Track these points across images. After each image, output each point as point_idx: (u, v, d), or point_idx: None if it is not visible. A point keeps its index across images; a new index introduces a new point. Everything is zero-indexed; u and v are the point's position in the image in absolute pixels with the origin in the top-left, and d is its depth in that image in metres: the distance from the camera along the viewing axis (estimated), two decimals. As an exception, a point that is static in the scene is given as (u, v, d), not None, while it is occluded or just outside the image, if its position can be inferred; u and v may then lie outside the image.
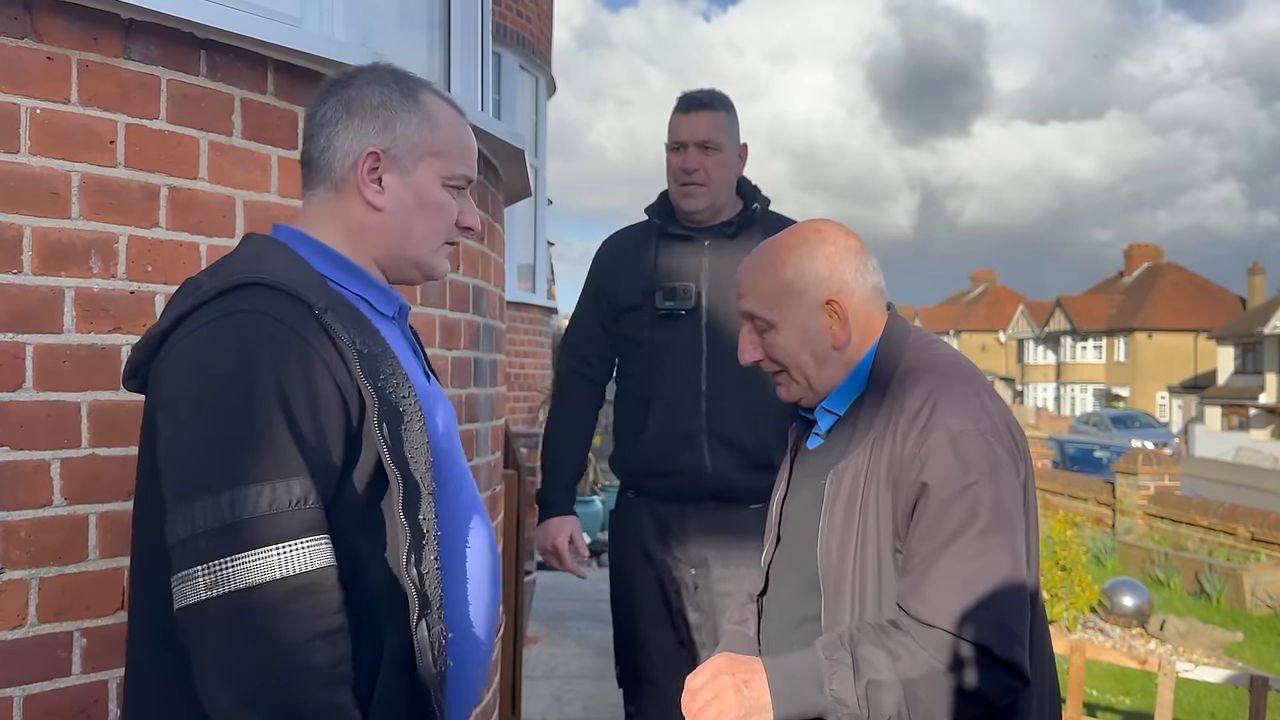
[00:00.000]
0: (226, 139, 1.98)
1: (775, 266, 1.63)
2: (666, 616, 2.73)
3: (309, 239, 1.38)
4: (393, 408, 1.25)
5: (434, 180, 1.40)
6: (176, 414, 1.20)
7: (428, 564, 1.27)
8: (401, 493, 1.23)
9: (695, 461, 2.62)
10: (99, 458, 1.80)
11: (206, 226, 1.96)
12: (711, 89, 2.75)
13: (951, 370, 1.58)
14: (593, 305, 2.87)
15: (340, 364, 1.22)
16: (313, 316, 1.22)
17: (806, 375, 1.63)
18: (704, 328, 2.65)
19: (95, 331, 1.79)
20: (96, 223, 1.79)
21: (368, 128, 1.37)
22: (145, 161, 1.85)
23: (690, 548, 2.67)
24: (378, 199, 1.38)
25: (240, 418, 1.16)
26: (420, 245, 1.42)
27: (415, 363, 1.44)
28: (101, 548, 1.79)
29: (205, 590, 1.11)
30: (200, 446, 1.16)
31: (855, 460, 1.55)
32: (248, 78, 2.02)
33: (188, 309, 1.24)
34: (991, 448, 1.48)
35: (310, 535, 1.15)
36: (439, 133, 1.40)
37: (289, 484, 1.14)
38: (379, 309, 1.41)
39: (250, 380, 1.17)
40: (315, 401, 1.19)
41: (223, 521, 1.12)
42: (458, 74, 2.81)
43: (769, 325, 1.63)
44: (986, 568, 1.43)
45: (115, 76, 1.81)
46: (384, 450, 1.23)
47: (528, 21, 8.46)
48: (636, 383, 2.76)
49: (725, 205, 2.74)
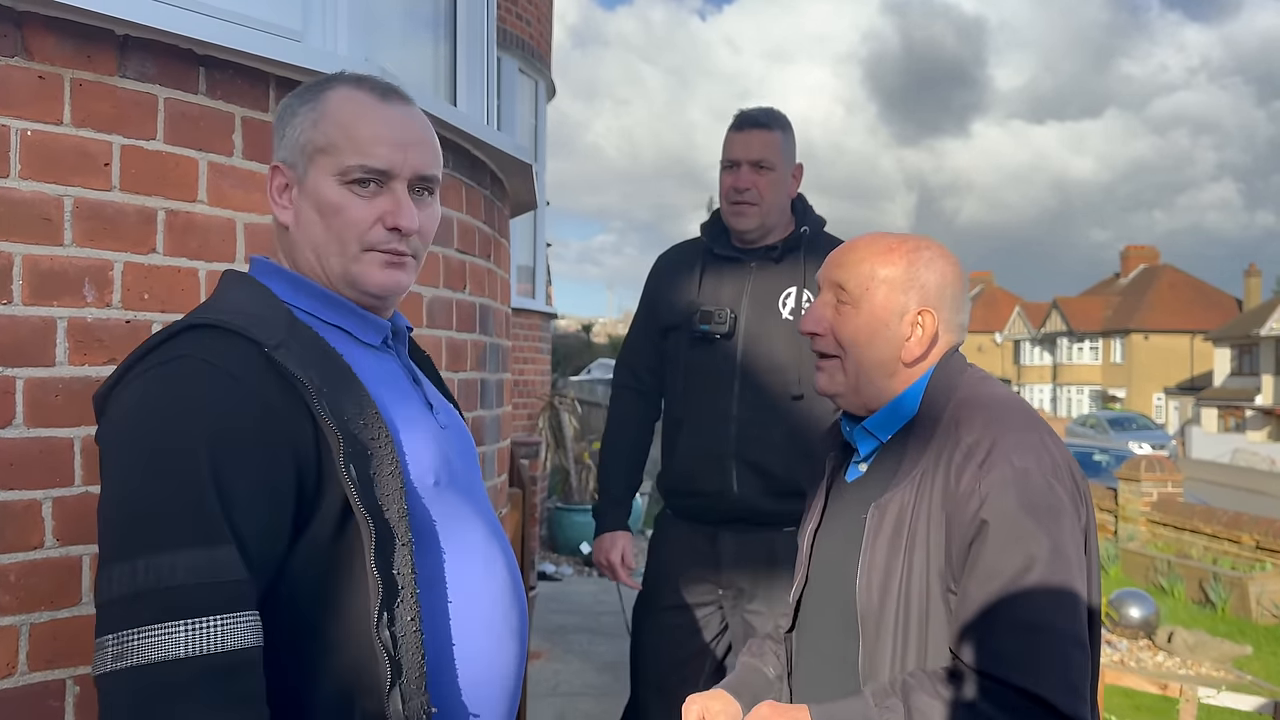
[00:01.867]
0: (227, 159, 1.90)
1: (892, 253, 1.56)
2: (690, 636, 2.69)
3: (278, 269, 1.30)
4: (360, 448, 1.14)
5: (325, 180, 1.25)
6: (104, 472, 1.13)
7: (403, 624, 1.13)
8: (374, 541, 1.11)
9: (722, 485, 2.61)
10: (92, 496, 1.71)
11: (206, 251, 1.87)
12: (769, 107, 2.71)
13: (1011, 408, 1.51)
14: (644, 319, 2.88)
15: (293, 405, 1.12)
16: (260, 355, 1.12)
17: (858, 371, 1.56)
18: (739, 352, 2.63)
19: (89, 364, 1.71)
20: (90, 249, 1.71)
21: (277, 142, 1.30)
22: (141, 184, 1.77)
23: (722, 571, 2.65)
24: (284, 214, 1.29)
25: (161, 477, 1.06)
26: (332, 258, 1.27)
27: (411, 394, 1.33)
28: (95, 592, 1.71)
29: (112, 661, 1.03)
30: (119, 507, 1.08)
31: (901, 494, 1.48)
32: (248, 95, 1.94)
33: (137, 355, 1.16)
34: (1053, 489, 1.41)
35: (230, 611, 1.04)
36: (323, 125, 1.25)
37: (208, 553, 1.04)
38: (360, 337, 1.30)
39: (176, 436, 1.07)
40: (254, 455, 1.09)
41: (134, 589, 1.03)
42: (463, 87, 2.73)
43: (852, 302, 1.55)
44: (1048, 616, 1.36)
45: (110, 96, 1.73)
46: (352, 493, 1.11)
47: (527, 25, 8.38)
48: (673, 403, 2.77)
49: (777, 226, 2.70)
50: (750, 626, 2.61)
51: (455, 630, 1.24)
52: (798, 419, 2.59)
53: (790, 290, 2.63)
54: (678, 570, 2.71)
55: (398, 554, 1.14)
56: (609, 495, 2.86)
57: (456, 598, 1.25)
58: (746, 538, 2.62)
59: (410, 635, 1.13)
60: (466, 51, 2.72)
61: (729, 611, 2.68)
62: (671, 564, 2.73)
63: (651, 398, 2.89)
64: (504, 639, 1.31)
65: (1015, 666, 1.34)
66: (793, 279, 2.64)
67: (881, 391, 1.57)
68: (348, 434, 1.13)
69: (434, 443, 1.29)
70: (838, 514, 1.64)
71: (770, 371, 2.60)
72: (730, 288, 2.67)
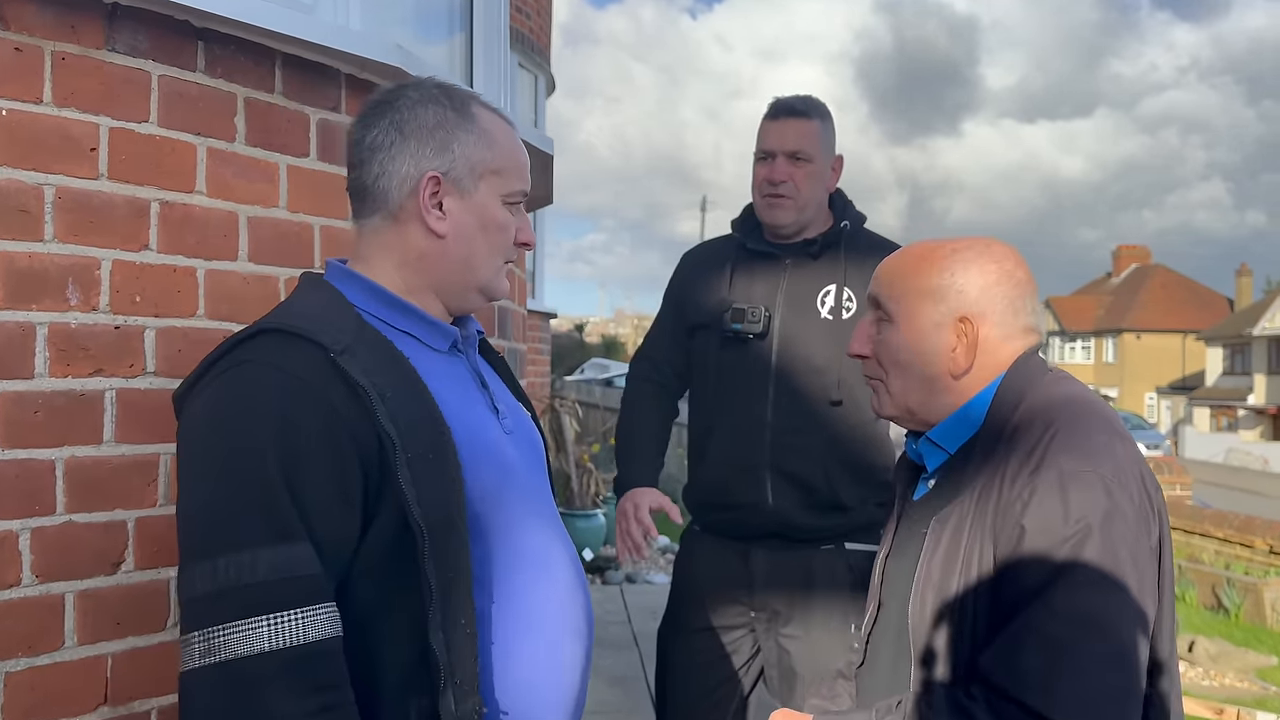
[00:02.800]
0: (228, 145, 1.74)
1: (923, 262, 1.47)
2: (721, 661, 2.53)
3: (353, 274, 1.33)
4: (421, 451, 1.19)
5: (495, 200, 1.35)
6: (181, 473, 1.19)
7: (455, 627, 1.17)
8: (428, 544, 1.16)
9: (756, 497, 2.43)
10: (76, 525, 1.53)
11: (205, 248, 1.69)
12: (807, 95, 2.54)
13: (1081, 408, 1.39)
14: (669, 316, 2.69)
15: (357, 409, 1.17)
16: (326, 360, 1.17)
17: (905, 392, 1.48)
18: (774, 354, 2.45)
19: (73, 375, 1.53)
20: (75, 245, 1.54)
21: (424, 150, 1.31)
22: (133, 172, 1.60)
23: (755, 591, 2.48)
24: (440, 225, 1.32)
25: (235, 478, 1.13)
26: (483, 269, 1.36)
27: (477, 398, 1.37)
28: (81, 632, 1.52)
29: (199, 658, 1.09)
30: (198, 508, 1.15)
31: (960, 507, 1.39)
32: (252, 74, 1.77)
33: (212, 359, 1.22)
34: (1111, 495, 1.28)
35: (308, 604, 1.10)
36: (497, 149, 1.35)
37: (287, 549, 1.11)
38: (428, 344, 1.34)
39: (247, 438, 1.14)
40: (322, 455, 1.14)
41: (217, 587, 1.09)
42: (480, 70, 2.54)
43: (890, 319, 1.48)
44: (1077, 633, 1.24)
45: (97, 71, 1.56)
46: (408, 498, 1.16)
47: (527, 18, 8.19)
48: (701, 408, 2.59)
49: (813, 221, 2.52)
50: (785, 651, 2.46)
51: (511, 633, 1.27)
52: (837, 426, 2.41)
53: (829, 288, 2.45)
54: (707, 590, 2.54)
55: (453, 557, 1.18)
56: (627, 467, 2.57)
57: (514, 601, 1.28)
58: (782, 555, 2.45)
59: (464, 638, 1.18)
60: (485, 33, 2.53)
61: (762, 635, 2.52)
62: (700, 583, 2.56)
63: (672, 394, 2.69)
64: (564, 643, 1.33)
65: (1030, 685, 1.23)
66: (832, 276, 2.46)
67: (939, 408, 1.47)
68: (408, 438, 1.18)
69: (496, 447, 1.33)
70: (907, 537, 1.54)
71: (808, 374, 2.42)
72: (764, 285, 2.49)
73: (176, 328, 1.65)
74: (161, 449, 1.62)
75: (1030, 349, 1.49)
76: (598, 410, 12.41)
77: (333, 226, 1.92)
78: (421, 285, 1.33)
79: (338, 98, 1.92)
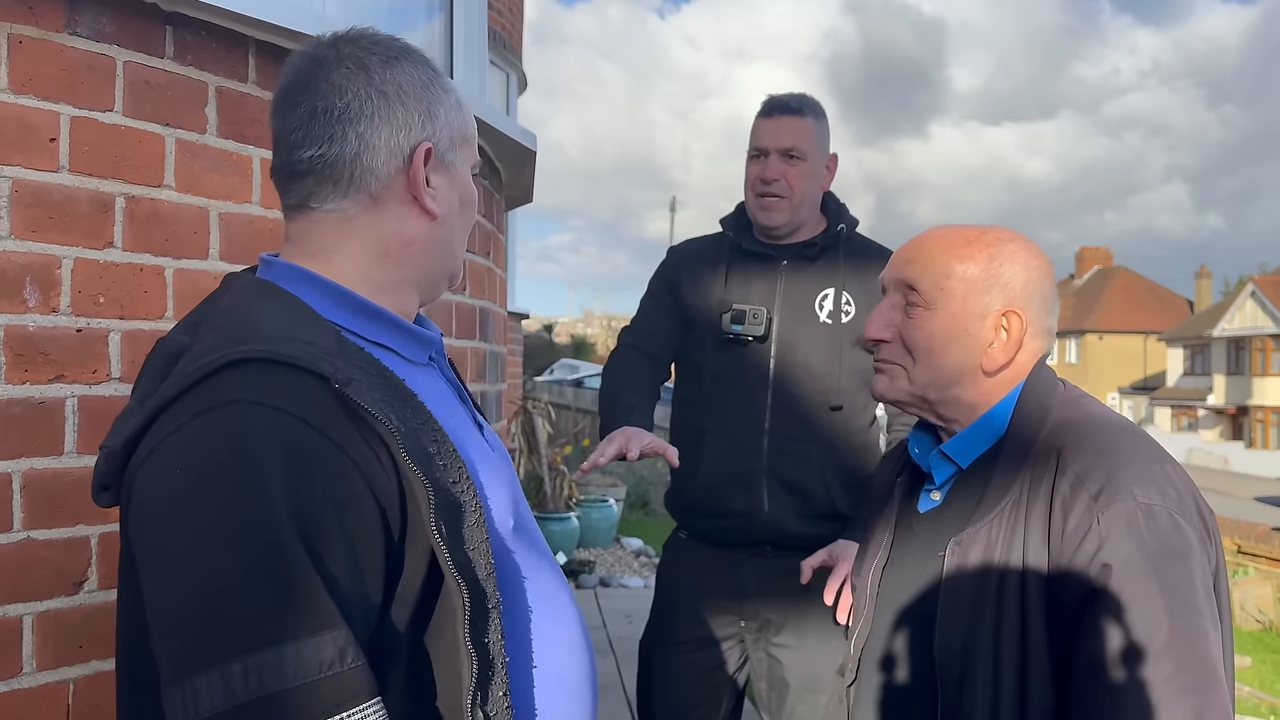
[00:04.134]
0: (199, 137, 1.64)
1: (970, 245, 1.39)
2: (707, 674, 2.46)
3: (309, 274, 1.07)
4: (449, 498, 0.96)
5: (467, 171, 1.18)
6: (158, 551, 0.89)
7: (495, 701, 0.97)
8: (467, 610, 0.94)
9: (752, 505, 2.36)
10: (35, 543, 1.43)
11: (174, 246, 1.59)
12: (801, 93, 2.48)
13: (1126, 433, 1.32)
14: (658, 305, 2.54)
15: (372, 454, 0.93)
16: (330, 394, 0.92)
17: (928, 381, 1.40)
18: (773, 358, 2.38)
19: (31, 381, 1.44)
20: (33, 243, 1.44)
21: (413, 118, 1.09)
22: (96, 164, 1.51)
23: (746, 600, 2.42)
24: (433, 205, 1.11)
25: (243, 554, 0.85)
26: (459, 252, 1.20)
27: (464, 417, 1.16)
28: (41, 657, 1.42)
29: None
30: (194, 599, 0.85)
31: (987, 530, 1.31)
32: (224, 62, 1.68)
33: (166, 399, 0.93)
34: (1181, 529, 1.24)
35: (355, 705, 0.85)
36: (466, 114, 1.17)
37: (319, 640, 0.84)
38: (406, 356, 1.12)
39: (251, 499, 0.87)
40: (344, 516, 0.89)
41: (234, 703, 0.82)
42: (461, 59, 2.45)
43: (926, 304, 1.39)
44: (1202, 694, 1.18)
45: (57, 56, 1.46)
46: (443, 555, 0.93)
47: (499, 15, 8.09)
48: (693, 411, 2.48)
49: (807, 222, 2.47)
50: (776, 661, 2.40)
51: (539, 695, 1.10)
52: (836, 433, 2.36)
53: (828, 291, 2.40)
54: (695, 600, 2.47)
55: (490, 621, 0.98)
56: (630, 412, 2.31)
57: (539, 659, 1.11)
58: (775, 563, 2.39)
59: (502, 713, 0.98)
60: (465, 20, 2.44)
61: (751, 645, 2.46)
62: (688, 592, 2.48)
63: (658, 362, 2.53)
64: (583, 693, 1.17)
65: None
66: (830, 279, 2.40)
67: (956, 401, 1.40)
68: (435, 483, 0.95)
69: (504, 476, 1.15)
70: (909, 549, 1.47)
71: (807, 380, 2.36)
72: (761, 287, 2.42)
73: (143, 331, 1.56)
74: (127, 460, 1.53)
75: (1043, 355, 1.43)
76: (569, 411, 12.31)
77: (309, 224, 1.82)
78: (400, 280, 1.12)
79: (314, 88, 1.83)
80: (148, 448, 0.93)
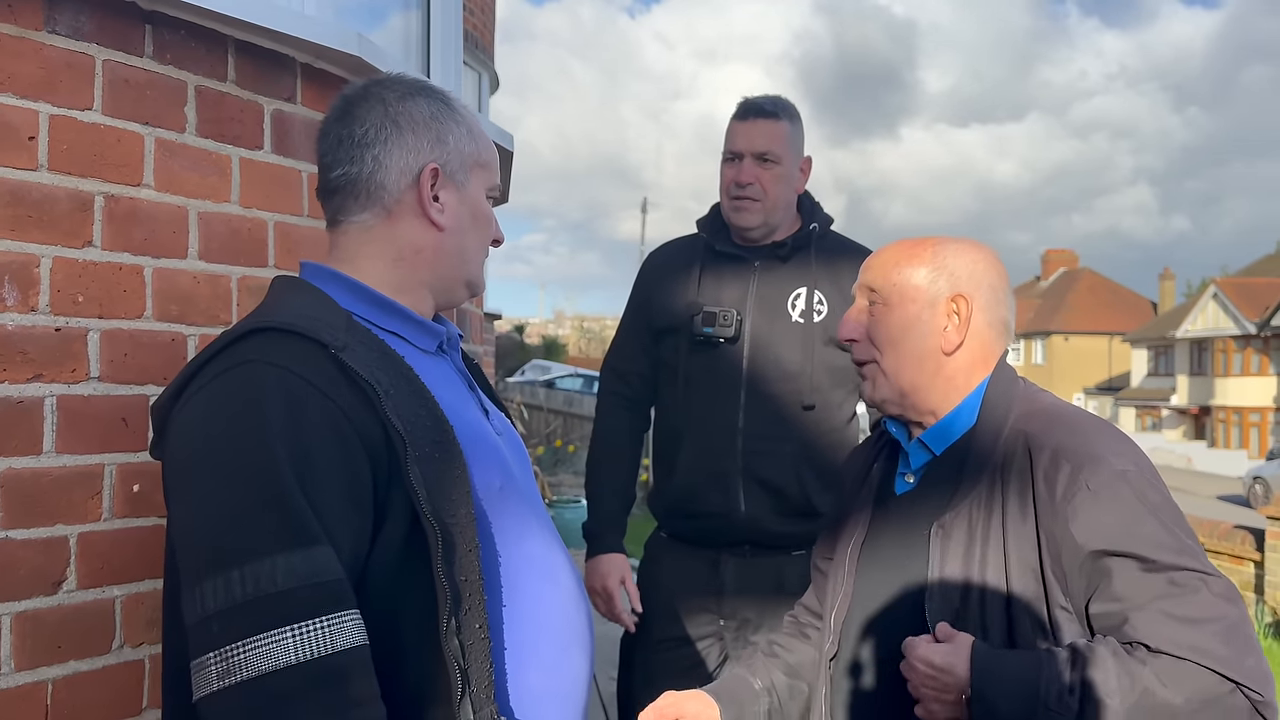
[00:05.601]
0: (178, 136, 1.64)
1: (915, 249, 1.56)
2: (686, 673, 2.46)
3: (336, 274, 1.28)
4: (427, 451, 1.14)
5: (482, 193, 1.36)
6: (181, 483, 1.12)
7: (470, 633, 1.13)
8: (441, 547, 1.11)
9: (728, 504, 2.39)
10: (14, 543, 1.43)
11: (153, 245, 1.59)
12: (775, 95, 2.49)
13: (1084, 416, 1.49)
14: (635, 323, 2.62)
15: (363, 407, 1.12)
16: (328, 357, 1.13)
17: (898, 370, 1.53)
18: (745, 359, 2.41)
19: (9, 380, 1.43)
20: (11, 241, 1.43)
21: (422, 143, 1.29)
22: (75, 163, 1.50)
23: (725, 599, 2.44)
24: (440, 217, 1.30)
25: (246, 483, 1.06)
26: (473, 262, 1.37)
27: (469, 399, 1.35)
28: (19, 657, 1.42)
29: (218, 680, 1.01)
30: (205, 519, 1.07)
31: (967, 511, 1.44)
32: (204, 60, 1.67)
33: (198, 364, 1.15)
34: (1160, 488, 1.39)
35: (332, 611, 1.04)
36: (482, 143, 1.36)
37: (305, 554, 1.04)
38: (416, 344, 1.31)
39: (255, 439, 1.07)
40: (333, 456, 1.09)
41: (232, 602, 1.02)
42: (438, 58, 2.45)
43: (884, 301, 1.54)
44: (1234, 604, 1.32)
45: (36, 55, 1.46)
46: (419, 499, 1.11)
47: (470, 14, 8.07)
48: (670, 414, 2.53)
49: (782, 223, 2.49)
50: None
51: (521, 639, 1.24)
52: (810, 431, 2.38)
53: (800, 291, 2.42)
54: (674, 600, 2.49)
55: (465, 560, 1.14)
56: (602, 513, 2.57)
57: (522, 606, 1.25)
58: (753, 562, 2.42)
59: (479, 643, 1.14)
60: (442, 19, 2.44)
61: (730, 643, 2.48)
62: (667, 592, 2.50)
63: (642, 406, 2.65)
64: (570, 650, 1.31)
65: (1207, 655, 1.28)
66: (802, 279, 2.42)
67: (933, 393, 1.52)
68: (415, 437, 1.13)
69: (494, 447, 1.31)
70: (887, 530, 1.57)
71: (780, 380, 2.38)
72: (733, 288, 2.45)
73: (122, 330, 1.55)
74: (107, 459, 1.52)
75: (1003, 353, 1.56)
76: (541, 412, 12.31)
77: (287, 223, 1.82)
78: (415, 282, 1.31)
79: (293, 87, 1.83)
80: (182, 403, 1.14)
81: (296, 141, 1.83)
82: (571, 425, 13.24)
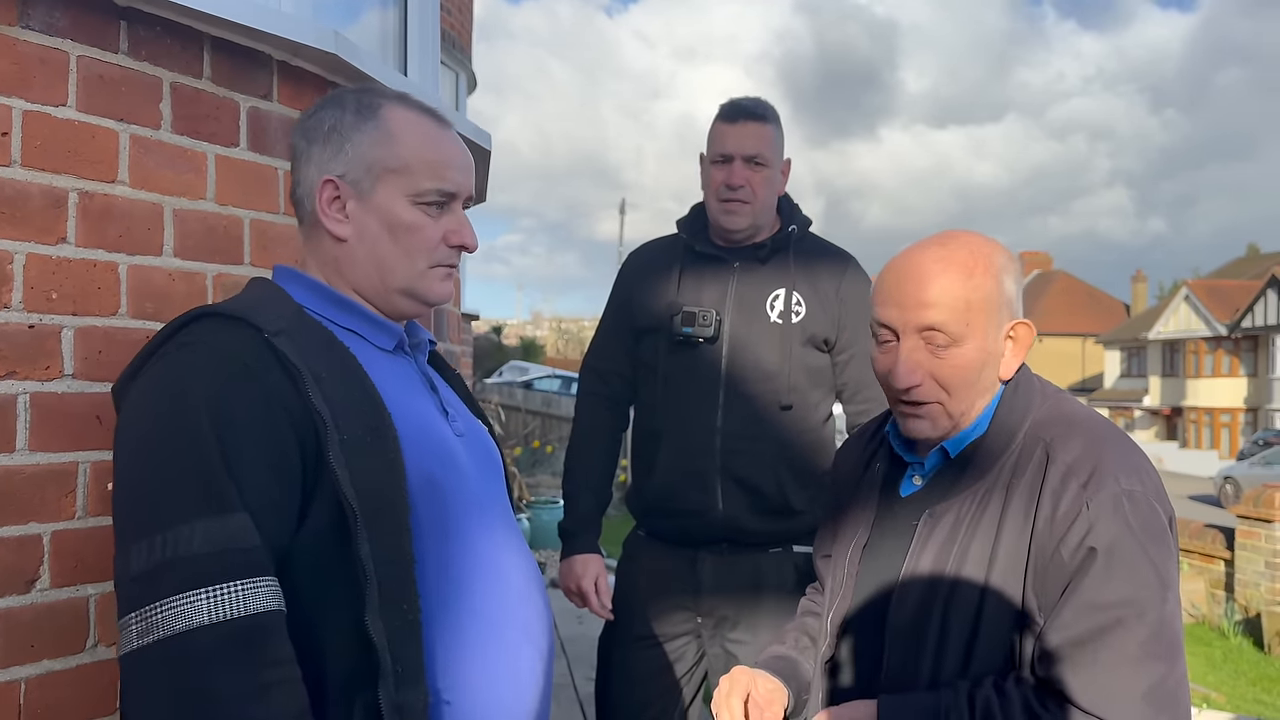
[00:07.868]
0: (153, 133, 1.62)
1: (975, 274, 1.42)
2: (664, 671, 2.49)
3: (296, 274, 1.36)
4: (356, 436, 1.18)
5: (398, 200, 1.32)
6: (117, 461, 1.18)
7: (395, 612, 1.16)
8: (360, 525, 1.15)
9: (706, 503, 2.40)
10: (-12, 541, 1.40)
11: (127, 242, 1.57)
12: (758, 98, 2.50)
13: (1106, 427, 1.44)
14: (614, 322, 2.64)
15: (291, 388, 1.17)
16: (261, 341, 1.18)
17: (961, 411, 1.45)
18: (724, 359, 2.42)
19: None
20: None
21: (324, 155, 1.32)
22: (49, 159, 1.48)
23: (702, 596, 2.45)
24: (340, 228, 1.33)
25: (171, 455, 1.12)
26: (399, 272, 1.34)
27: (425, 397, 1.37)
28: (-10, 656, 1.39)
29: (138, 638, 1.06)
30: (134, 487, 1.14)
31: (958, 505, 1.42)
32: (179, 57, 1.66)
33: (148, 351, 1.22)
34: (1159, 513, 1.35)
35: (247, 576, 1.08)
36: (396, 147, 1.32)
37: (223, 521, 1.09)
38: (373, 342, 1.35)
39: (182, 415, 1.13)
40: (257, 431, 1.14)
41: (153, 564, 1.08)
42: (415, 55, 2.45)
43: (953, 341, 1.41)
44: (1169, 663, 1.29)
45: (9, 50, 1.44)
46: (340, 479, 1.15)
47: (448, 14, 8.04)
48: (649, 413, 2.54)
49: (765, 225, 2.49)
50: (732, 657, 2.42)
51: (461, 630, 1.25)
52: (787, 431, 2.39)
53: (778, 292, 2.43)
54: (651, 598, 2.50)
55: (391, 539, 1.17)
56: (578, 513, 2.60)
57: (462, 598, 1.26)
58: (730, 560, 2.43)
59: (405, 624, 1.16)
60: (419, 15, 2.43)
61: (708, 641, 2.49)
62: (644, 591, 2.51)
63: (621, 406, 2.67)
64: (520, 648, 1.32)
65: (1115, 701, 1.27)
66: (781, 280, 2.44)
67: (972, 414, 1.47)
68: (343, 419, 1.18)
69: (441, 441, 1.33)
70: (889, 530, 1.54)
71: (758, 380, 2.40)
72: (713, 289, 2.46)
73: (97, 327, 1.54)
74: (80, 457, 1.51)
75: None
76: (519, 413, 12.30)
77: (263, 220, 1.82)
78: (346, 287, 1.35)
79: (269, 85, 1.82)
80: (130, 388, 1.21)
81: (272, 139, 1.82)
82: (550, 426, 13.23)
